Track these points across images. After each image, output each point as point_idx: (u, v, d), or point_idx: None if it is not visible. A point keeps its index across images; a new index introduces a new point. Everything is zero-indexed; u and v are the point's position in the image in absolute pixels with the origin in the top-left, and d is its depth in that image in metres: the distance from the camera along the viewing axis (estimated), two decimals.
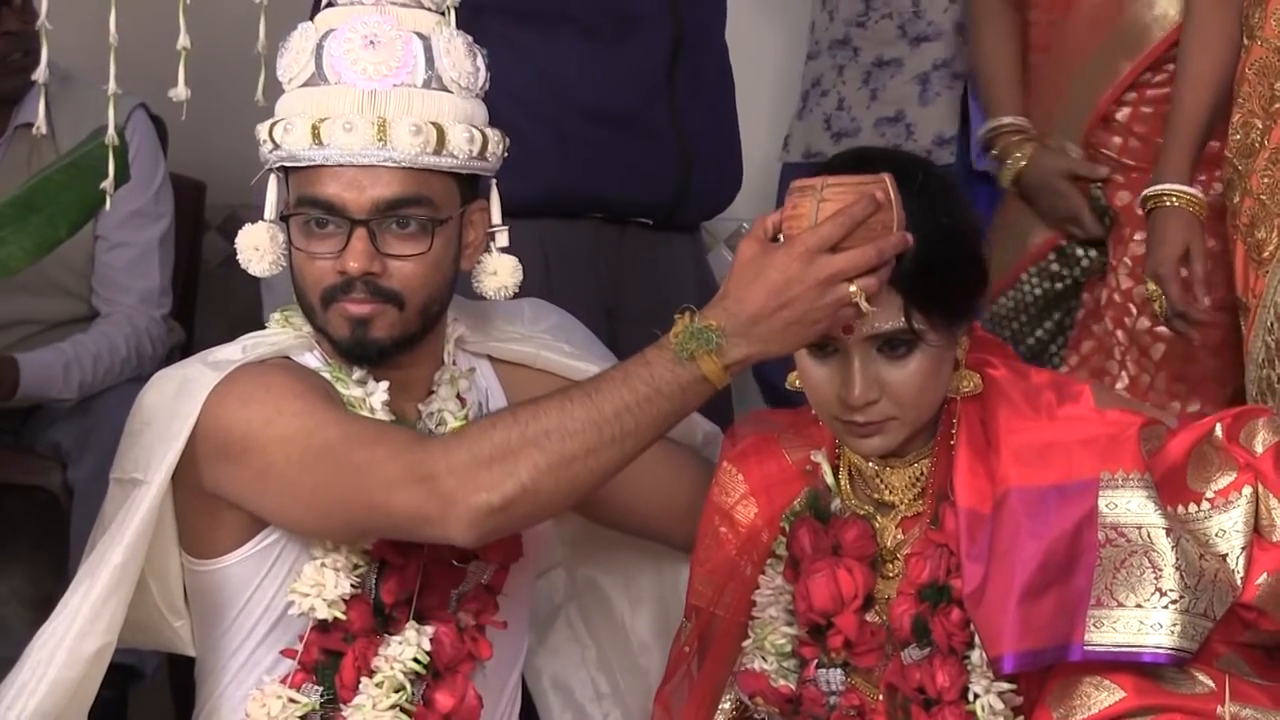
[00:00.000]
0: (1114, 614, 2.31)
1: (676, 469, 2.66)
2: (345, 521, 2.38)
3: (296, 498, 2.37)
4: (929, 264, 2.35)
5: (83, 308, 3.81)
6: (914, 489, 2.47)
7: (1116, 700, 2.31)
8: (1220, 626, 2.33)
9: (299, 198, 2.41)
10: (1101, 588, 2.32)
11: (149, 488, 2.40)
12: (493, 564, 2.49)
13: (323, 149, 2.38)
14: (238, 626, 2.47)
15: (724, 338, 2.24)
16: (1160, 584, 2.30)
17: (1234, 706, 2.28)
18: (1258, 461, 2.39)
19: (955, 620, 2.39)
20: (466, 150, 2.42)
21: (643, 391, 2.28)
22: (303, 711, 2.43)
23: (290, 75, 2.43)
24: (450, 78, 2.42)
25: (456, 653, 2.45)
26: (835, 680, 2.47)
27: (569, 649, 2.81)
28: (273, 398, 2.40)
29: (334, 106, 2.38)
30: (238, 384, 2.41)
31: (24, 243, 2.57)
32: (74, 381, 3.70)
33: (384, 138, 2.36)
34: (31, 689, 2.38)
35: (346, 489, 2.34)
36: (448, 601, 2.47)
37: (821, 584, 2.44)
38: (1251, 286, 2.84)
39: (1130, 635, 2.30)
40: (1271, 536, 2.37)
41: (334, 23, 2.42)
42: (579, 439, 2.27)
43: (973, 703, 2.38)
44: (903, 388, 2.38)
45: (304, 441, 2.36)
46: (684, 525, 2.61)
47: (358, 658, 2.42)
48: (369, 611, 2.43)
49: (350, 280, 2.39)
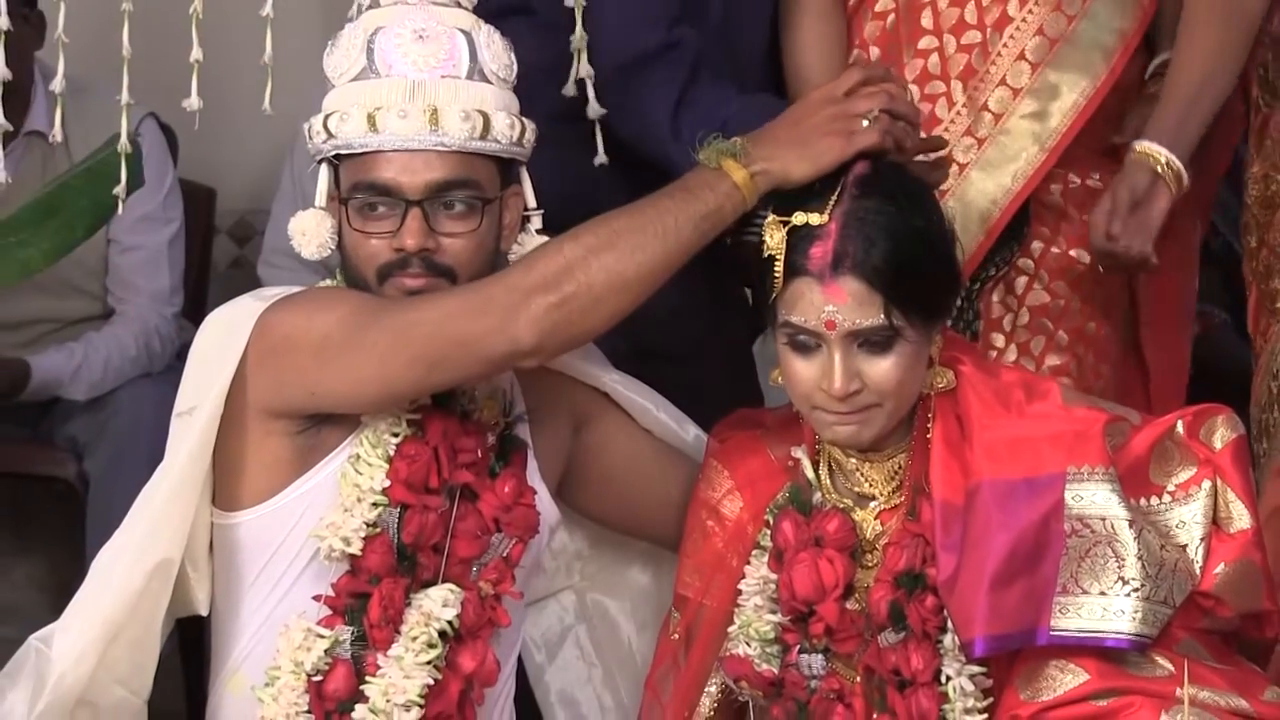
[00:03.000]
0: (1079, 601, 2.38)
1: (667, 468, 2.74)
2: (410, 359, 2.46)
3: (361, 350, 2.47)
4: (906, 264, 2.42)
5: (97, 306, 3.86)
6: (892, 482, 2.53)
7: (1080, 682, 2.38)
8: (1179, 614, 2.40)
9: (355, 183, 2.51)
10: (1067, 576, 2.38)
11: (201, 411, 2.51)
12: (513, 537, 2.56)
13: (378, 135, 2.49)
14: (264, 579, 2.55)
15: (747, 148, 2.46)
16: (1123, 573, 2.37)
17: (1192, 689, 2.33)
18: (1216, 457, 2.47)
19: (929, 606, 2.45)
20: (509, 135, 2.54)
21: (679, 196, 2.46)
22: (327, 645, 2.48)
23: (341, 70, 2.54)
24: (491, 69, 2.55)
25: (479, 618, 2.52)
26: (816, 665, 2.53)
27: (577, 667, 2.87)
28: (315, 296, 2.54)
29: (387, 96, 2.50)
30: (279, 302, 2.53)
31: (42, 245, 2.64)
32: (82, 383, 3.75)
33: (436, 124, 2.48)
34: (95, 598, 2.49)
35: (413, 323, 2.45)
36: (469, 570, 2.55)
37: (804, 574, 2.50)
38: (1262, 330, 2.91)
39: (1095, 621, 2.37)
40: (1229, 528, 2.45)
41: (382, 21, 2.53)
42: (626, 237, 2.44)
43: (945, 684, 2.45)
44: (883, 379, 2.44)
45: (358, 305, 2.48)
46: (677, 523, 2.68)
47: (384, 598, 2.48)
48: (389, 551, 2.49)
49: (407, 257, 2.50)
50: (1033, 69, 2.90)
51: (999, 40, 2.91)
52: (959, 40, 2.92)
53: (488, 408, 2.59)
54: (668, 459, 2.76)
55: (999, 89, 2.91)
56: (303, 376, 2.51)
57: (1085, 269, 2.93)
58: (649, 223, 2.45)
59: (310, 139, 2.56)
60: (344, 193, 2.53)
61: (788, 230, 2.45)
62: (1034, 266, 2.94)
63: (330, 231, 2.55)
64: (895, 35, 2.94)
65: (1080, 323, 2.95)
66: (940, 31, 2.93)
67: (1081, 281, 2.94)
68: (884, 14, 2.96)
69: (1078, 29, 2.89)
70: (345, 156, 2.53)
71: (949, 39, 2.92)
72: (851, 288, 2.42)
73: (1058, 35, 2.90)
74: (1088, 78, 2.89)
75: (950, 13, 2.92)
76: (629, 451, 2.74)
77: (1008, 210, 2.90)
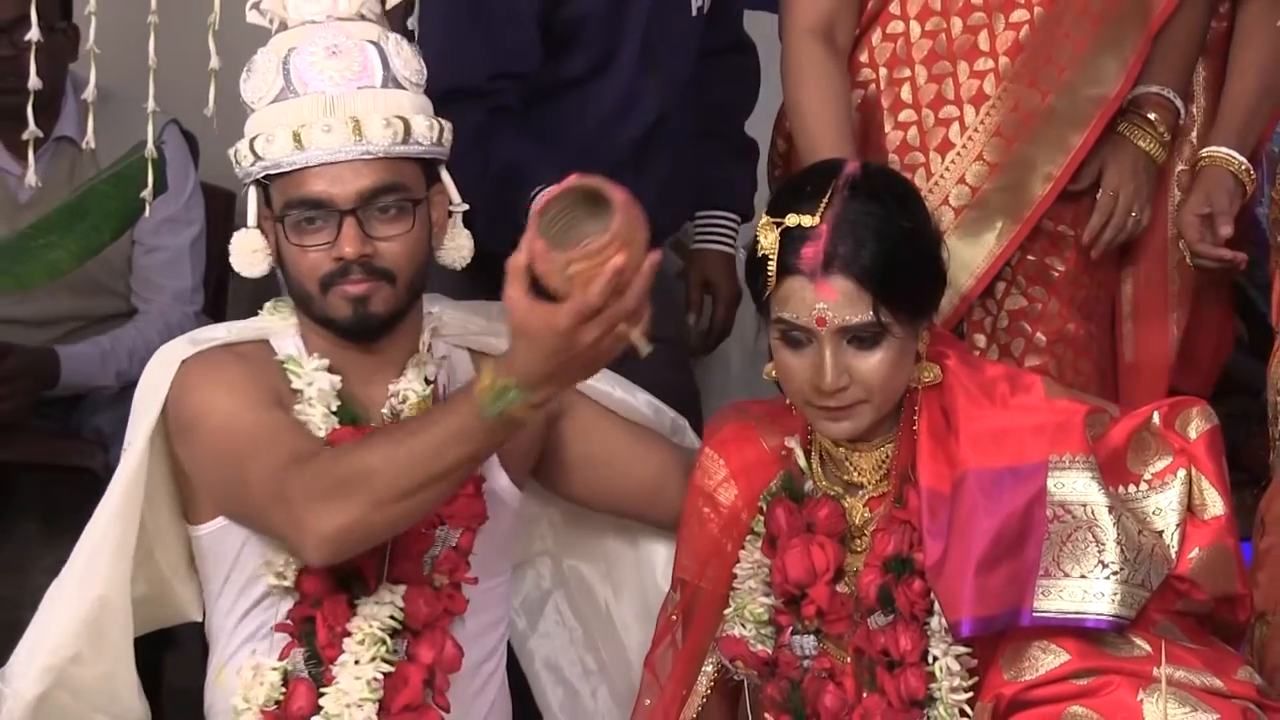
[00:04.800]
0: (1060, 583, 2.44)
1: (647, 452, 2.79)
2: (243, 516, 2.57)
3: (213, 485, 2.58)
4: (893, 264, 2.48)
5: (122, 305, 3.91)
6: (880, 471, 2.59)
7: (1062, 662, 2.43)
8: (1156, 596, 2.46)
9: (288, 200, 2.55)
10: (1050, 560, 2.45)
11: (132, 451, 2.60)
12: (458, 528, 2.61)
13: (305, 151, 2.54)
14: (229, 589, 2.63)
15: (523, 392, 2.36)
16: (1103, 556, 2.43)
17: (1168, 668, 2.38)
18: (1191, 446, 2.54)
19: (917, 590, 2.51)
20: (429, 137, 2.59)
21: (461, 432, 2.40)
22: (279, 677, 2.57)
23: (260, 95, 2.57)
24: (404, 76, 2.59)
25: (433, 610, 2.58)
26: (808, 645, 2.58)
27: (557, 632, 2.92)
28: (218, 388, 2.57)
29: (309, 113, 2.54)
30: (197, 367, 2.59)
31: (71, 246, 2.71)
32: (110, 370, 3.79)
33: (359, 134, 2.53)
34: (42, 631, 2.59)
35: (241, 492, 2.53)
36: (421, 565, 2.60)
37: (796, 558, 2.56)
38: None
39: (1075, 603, 2.43)
40: (1203, 515, 2.52)
41: (294, 42, 2.58)
42: (405, 478, 2.42)
43: (932, 664, 2.50)
44: (871, 375, 2.49)
45: (227, 439, 2.53)
46: (657, 503, 2.76)
47: (328, 618, 2.56)
48: (320, 578, 2.56)
49: (347, 265, 2.55)
50: (1008, 144, 2.93)
51: (976, 116, 2.94)
52: (937, 115, 2.96)
53: (416, 409, 2.61)
54: (649, 442, 2.81)
55: (976, 164, 2.94)
56: (188, 463, 2.61)
57: (1060, 275, 2.99)
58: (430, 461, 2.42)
59: (238, 163, 2.60)
60: (278, 211, 2.57)
61: (780, 231, 2.50)
62: (1011, 273, 2.99)
63: (267, 251, 2.60)
64: (876, 105, 2.98)
65: (1059, 325, 3.00)
66: (919, 106, 2.97)
67: (1057, 286, 3.00)
68: (865, 83, 3.00)
69: (1052, 104, 2.92)
70: (275, 176, 2.56)
71: (928, 113, 2.96)
72: (841, 286, 2.48)
73: (1032, 111, 2.92)
74: (1061, 151, 2.93)
75: (929, 88, 2.96)
76: (604, 435, 2.78)
77: (984, 278, 2.95)
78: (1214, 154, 3.00)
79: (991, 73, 2.94)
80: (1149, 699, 2.39)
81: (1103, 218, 2.93)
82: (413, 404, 2.62)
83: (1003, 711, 2.45)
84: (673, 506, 2.73)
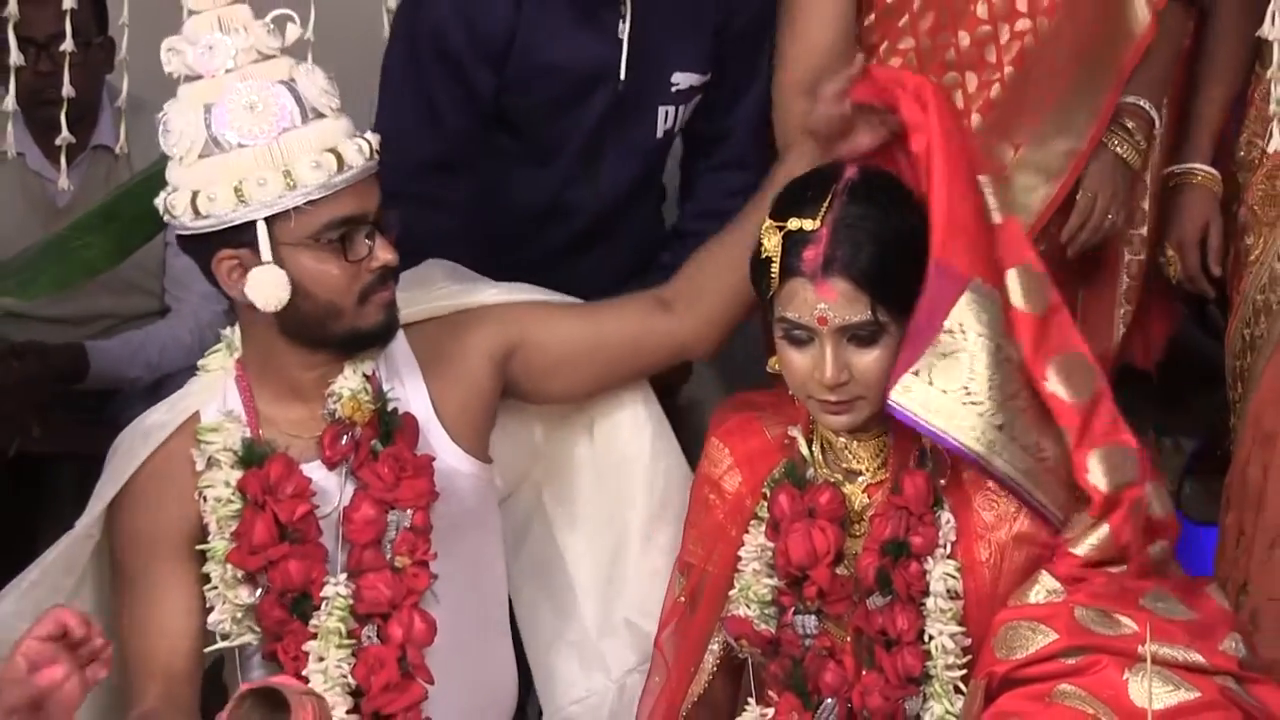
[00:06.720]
0: (926, 391, 2.53)
1: (601, 326, 2.84)
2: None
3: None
4: (890, 266, 2.56)
5: (155, 304, 3.98)
6: (877, 459, 2.66)
7: (1050, 641, 2.50)
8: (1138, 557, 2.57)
9: (325, 223, 2.57)
10: (925, 364, 2.53)
11: (85, 519, 2.70)
12: (409, 508, 2.65)
13: (342, 174, 2.56)
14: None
15: None
16: (970, 384, 2.53)
17: (1154, 645, 2.42)
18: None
19: (913, 572, 2.58)
20: (366, 155, 2.59)
21: None
22: None
23: (184, 150, 2.56)
24: (331, 106, 2.60)
25: (395, 592, 2.62)
26: (810, 625, 2.64)
27: (540, 534, 2.94)
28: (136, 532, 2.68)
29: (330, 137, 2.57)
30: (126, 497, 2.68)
31: (106, 247, 2.80)
32: (140, 362, 3.86)
33: (372, 156, 2.60)
34: None
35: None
36: (382, 550, 2.64)
37: (798, 542, 2.62)
38: (1237, 286, 3.00)
39: (942, 420, 2.53)
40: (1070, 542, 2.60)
41: (208, 98, 2.56)
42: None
43: (928, 644, 2.58)
44: (869, 371, 2.57)
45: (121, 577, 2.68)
46: (641, 354, 2.85)
47: (286, 653, 2.63)
48: (276, 605, 2.63)
49: (385, 273, 2.63)
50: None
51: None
52: None
53: (349, 406, 2.66)
54: (588, 317, 2.85)
55: None
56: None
57: None
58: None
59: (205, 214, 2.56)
60: (304, 238, 2.57)
61: (783, 235, 2.58)
62: None
63: (286, 283, 2.58)
64: None
65: None
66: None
67: None
68: None
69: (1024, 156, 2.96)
70: (274, 217, 2.55)
71: None
72: (841, 287, 2.55)
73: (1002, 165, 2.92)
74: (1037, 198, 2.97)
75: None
76: (560, 338, 2.82)
77: None
78: (1193, 169, 3.07)
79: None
80: (1134, 678, 2.44)
81: (1081, 218, 3.00)
82: (346, 400, 2.66)
83: (995, 689, 2.51)
84: (660, 346, 2.83)
